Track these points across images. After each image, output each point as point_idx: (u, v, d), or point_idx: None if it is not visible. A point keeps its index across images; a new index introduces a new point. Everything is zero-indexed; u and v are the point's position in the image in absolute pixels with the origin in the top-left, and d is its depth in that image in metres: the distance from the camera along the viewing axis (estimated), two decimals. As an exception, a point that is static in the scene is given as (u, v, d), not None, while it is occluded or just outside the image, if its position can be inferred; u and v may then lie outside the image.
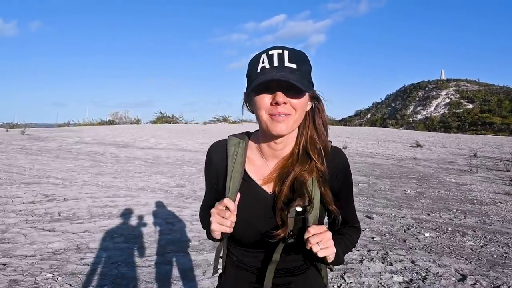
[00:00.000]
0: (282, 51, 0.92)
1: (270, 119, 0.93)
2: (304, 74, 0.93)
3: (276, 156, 1.03)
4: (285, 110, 0.92)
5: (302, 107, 0.95)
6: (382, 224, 4.69)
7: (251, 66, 0.96)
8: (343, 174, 1.05)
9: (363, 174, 9.40)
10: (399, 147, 18.17)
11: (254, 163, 1.05)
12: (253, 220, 0.99)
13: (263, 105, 0.93)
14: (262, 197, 1.01)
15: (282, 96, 0.90)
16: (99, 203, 5.22)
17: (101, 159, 10.92)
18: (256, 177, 1.03)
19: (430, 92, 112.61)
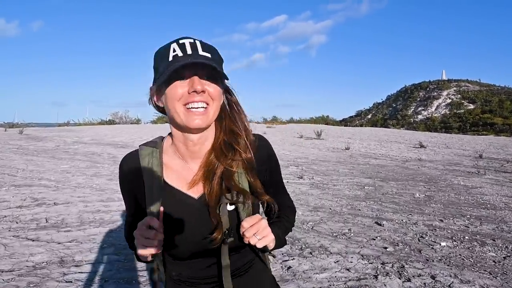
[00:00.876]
0: (193, 40, 0.87)
1: (186, 112, 0.86)
2: (218, 63, 0.88)
3: (196, 156, 0.96)
4: (203, 98, 0.85)
5: (219, 97, 0.90)
6: (394, 232, 4.37)
7: (159, 57, 0.88)
8: (269, 161, 1.02)
9: (368, 176, 9.08)
10: (402, 148, 17.86)
11: (173, 169, 0.97)
12: (184, 230, 0.92)
13: (177, 95, 0.85)
14: (189, 204, 0.93)
15: (200, 82, 0.84)
16: (91, 208, 4.90)
17: (98, 159, 10.61)
18: (179, 184, 0.95)
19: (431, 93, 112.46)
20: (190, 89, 0.84)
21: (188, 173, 0.96)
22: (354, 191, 7.07)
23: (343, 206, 5.67)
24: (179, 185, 0.95)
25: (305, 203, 5.85)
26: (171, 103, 0.86)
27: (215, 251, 0.92)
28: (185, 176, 0.95)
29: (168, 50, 0.85)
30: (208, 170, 0.94)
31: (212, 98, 0.88)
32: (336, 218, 4.91)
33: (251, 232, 0.85)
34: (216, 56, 0.89)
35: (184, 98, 0.85)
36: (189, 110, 0.86)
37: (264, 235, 0.87)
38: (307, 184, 7.64)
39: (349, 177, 8.92)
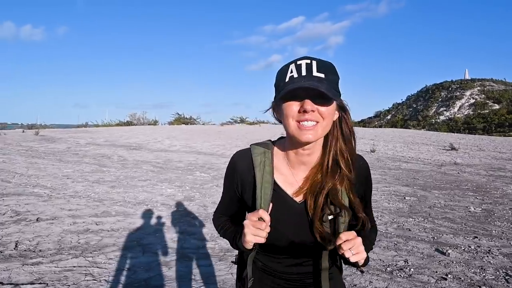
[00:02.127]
0: (310, 61, 0.94)
1: (298, 127, 0.94)
2: (331, 83, 0.94)
3: (303, 164, 1.03)
4: (312, 117, 0.92)
5: (330, 115, 0.96)
6: (466, 265, 3.31)
7: (279, 76, 0.97)
8: (366, 181, 1.09)
9: (405, 184, 7.96)
10: (432, 150, 16.53)
11: (281, 171, 1.05)
12: (283, 229, 1.01)
13: (290, 113, 0.94)
14: (292, 207, 1.02)
15: (310, 103, 0.91)
16: (79, 226, 4.02)
17: (106, 163, 9.86)
18: (285, 187, 1.03)
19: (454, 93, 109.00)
20: (301, 109, 0.92)
21: (293, 178, 1.05)
22: (394, 202, 5.99)
23: (388, 225, 4.62)
24: (286, 187, 1.04)
25: (339, 219, 4.83)
26: (286, 119, 0.95)
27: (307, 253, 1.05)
28: (291, 181, 1.05)
29: (287, 71, 0.95)
30: (313, 182, 1.01)
31: (322, 116, 0.93)
32: (384, 243, 3.87)
33: (348, 246, 0.90)
34: (331, 76, 0.95)
35: (297, 116, 0.93)
36: (301, 126, 0.93)
37: (358, 251, 0.92)
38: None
39: (383, 184, 7.82)
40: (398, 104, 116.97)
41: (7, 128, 27.46)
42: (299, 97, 0.92)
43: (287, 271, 1.07)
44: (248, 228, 0.93)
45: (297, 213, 1.01)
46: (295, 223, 1.01)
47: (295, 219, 1.01)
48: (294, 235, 1.01)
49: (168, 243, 3.63)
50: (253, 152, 1.06)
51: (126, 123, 31.91)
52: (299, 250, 1.03)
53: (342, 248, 0.91)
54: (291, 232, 1.01)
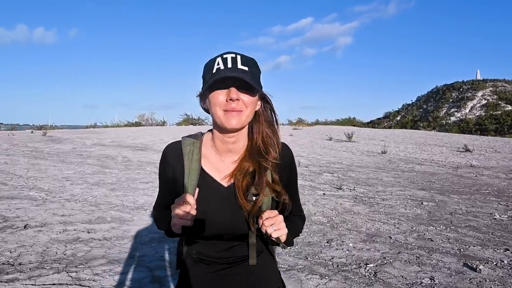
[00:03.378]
0: (235, 55, 1.01)
1: (224, 114, 1.00)
2: (254, 75, 1.02)
3: (230, 151, 1.10)
4: (237, 106, 0.99)
5: (253, 104, 1.03)
6: (502, 284, 2.90)
7: (206, 69, 1.04)
8: (290, 168, 1.14)
9: (420, 187, 7.51)
10: (445, 152, 15.98)
11: (209, 159, 1.11)
12: (211, 212, 1.05)
13: (217, 101, 1.00)
14: (218, 190, 1.07)
15: (236, 92, 0.98)
16: (69, 235, 3.69)
17: (109, 164, 9.58)
18: (212, 172, 1.09)
19: (465, 93, 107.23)
20: (227, 98, 0.99)
21: (221, 165, 1.10)
22: (412, 208, 5.57)
23: (407, 234, 4.21)
24: (213, 173, 1.09)
25: (353, 227, 4.43)
26: (213, 107, 1.02)
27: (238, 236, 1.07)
28: (218, 167, 1.10)
29: (214, 63, 1.01)
30: (241, 166, 1.08)
31: (246, 105, 1.01)
32: (405, 256, 3.47)
33: (269, 222, 0.96)
34: (254, 69, 1.03)
35: (223, 104, 1.00)
36: (226, 112, 1.00)
37: (280, 227, 0.98)
38: (348, 198, 6.20)
39: (397, 188, 7.39)
40: (408, 105, 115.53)
41: (17, 129, 27.65)
42: (225, 87, 0.99)
43: (221, 256, 1.09)
44: (174, 211, 0.97)
45: (224, 196, 1.06)
46: (223, 206, 1.05)
47: (223, 202, 1.05)
48: (223, 218, 1.05)
49: (165, 255, 3.28)
50: (183, 143, 1.12)
51: (135, 123, 31.96)
52: (230, 232, 1.07)
53: (264, 225, 0.96)
54: (220, 215, 1.05)
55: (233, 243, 1.09)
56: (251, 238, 1.06)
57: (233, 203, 1.04)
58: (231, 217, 1.04)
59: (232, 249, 1.09)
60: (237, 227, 1.05)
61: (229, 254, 1.09)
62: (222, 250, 1.09)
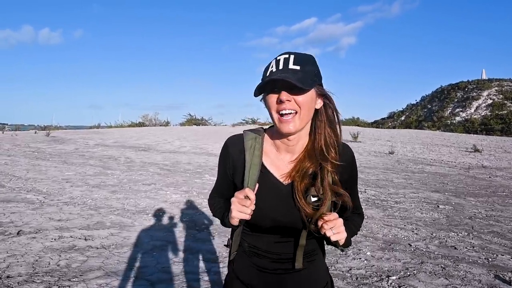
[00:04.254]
0: (288, 55, 1.01)
1: (279, 119, 1.01)
2: (307, 73, 0.99)
3: (290, 150, 1.09)
4: (290, 106, 0.98)
5: (307, 103, 1.00)
6: (541, 299, 2.61)
7: (264, 71, 1.05)
8: (350, 168, 1.12)
9: (434, 190, 7.19)
10: (454, 152, 15.65)
11: (270, 156, 1.11)
12: (269, 208, 1.05)
13: (271, 104, 1.02)
14: (277, 188, 1.07)
15: (285, 94, 0.98)
16: (64, 242, 3.44)
17: (111, 165, 9.34)
18: (272, 169, 1.09)
19: (470, 93, 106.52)
20: (278, 100, 0.99)
21: (281, 162, 1.10)
22: (428, 212, 5.27)
23: (427, 241, 3.92)
24: (273, 170, 1.09)
25: (369, 233, 4.14)
26: (269, 110, 1.04)
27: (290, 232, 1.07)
28: (278, 164, 1.10)
29: (269, 66, 1.03)
30: (301, 167, 1.06)
31: (299, 105, 0.99)
32: (429, 266, 3.17)
33: (329, 225, 0.96)
34: (308, 67, 1.01)
35: (276, 106, 1.01)
36: (281, 118, 1.00)
37: (339, 231, 0.97)
38: (360, 201, 5.90)
39: (410, 190, 7.08)
40: (412, 105, 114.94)
41: (22, 130, 27.62)
42: (276, 90, 0.99)
43: (271, 250, 1.10)
44: (234, 205, 0.98)
45: (283, 194, 1.06)
46: (280, 204, 1.05)
47: (281, 200, 1.05)
48: (279, 215, 1.05)
49: (167, 266, 3.01)
50: (245, 137, 1.12)
51: (138, 124, 31.89)
52: (283, 229, 1.07)
53: (323, 228, 0.96)
54: (276, 211, 1.05)
55: (284, 238, 1.09)
56: (302, 239, 1.05)
57: (290, 202, 1.04)
58: (288, 216, 1.04)
59: (282, 244, 1.09)
60: (293, 226, 1.05)
61: (278, 248, 1.09)
62: (273, 243, 1.09)
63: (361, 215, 1.22)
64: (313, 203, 1.02)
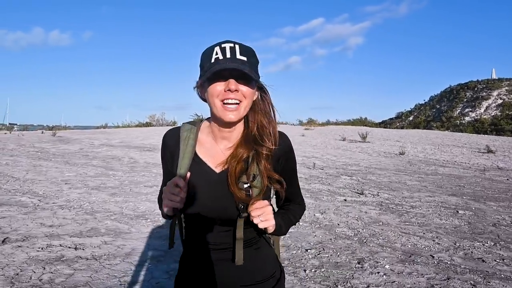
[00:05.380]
0: (233, 45, 1.00)
1: (222, 107, 1.00)
2: (253, 66, 1.02)
3: (226, 138, 1.10)
4: (236, 96, 0.99)
5: (251, 95, 1.03)
6: None
7: (204, 57, 1.03)
8: (287, 156, 1.12)
9: (451, 193, 6.80)
10: (467, 153, 15.17)
11: (204, 145, 1.11)
12: (201, 197, 1.05)
13: (216, 92, 0.99)
14: (210, 176, 1.06)
15: (234, 83, 0.98)
16: (52, 252, 3.14)
17: (114, 165, 9.09)
18: (206, 158, 1.09)
19: (480, 93, 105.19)
20: (225, 88, 0.98)
21: (216, 151, 1.10)
22: (447, 218, 4.89)
23: (451, 252, 3.56)
24: (207, 159, 1.09)
25: (386, 242, 3.78)
26: (211, 98, 1.01)
27: (229, 222, 1.05)
28: (213, 154, 1.10)
29: (212, 52, 1.00)
30: (235, 153, 1.06)
31: (244, 96, 1.01)
32: (457, 283, 2.81)
33: (257, 212, 0.97)
34: (252, 59, 1.02)
35: (221, 95, 0.99)
36: (225, 106, 1.00)
37: (267, 219, 0.99)
38: (373, 205, 5.55)
39: (424, 193, 6.70)
40: (420, 105, 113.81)
41: (30, 130, 27.66)
42: (224, 78, 0.98)
43: (210, 241, 1.08)
44: (165, 193, 0.99)
45: (216, 182, 1.05)
46: (214, 192, 1.04)
47: (215, 188, 1.04)
48: (213, 203, 1.04)
49: (163, 281, 2.69)
50: (181, 129, 1.13)
51: (145, 124, 31.82)
52: (219, 218, 1.05)
53: (251, 214, 0.98)
54: (211, 200, 1.04)
55: (226, 228, 1.07)
56: (238, 230, 1.03)
57: (224, 190, 1.03)
58: (222, 203, 1.03)
59: (224, 234, 1.07)
60: (227, 213, 1.04)
61: (221, 239, 1.07)
62: (214, 234, 1.07)
63: (302, 206, 1.22)
64: (245, 189, 1.02)
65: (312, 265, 3.09)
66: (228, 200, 1.02)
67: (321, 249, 3.50)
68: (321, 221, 4.53)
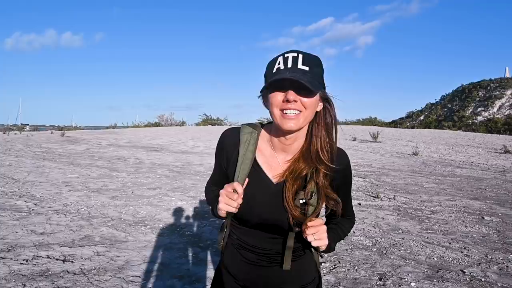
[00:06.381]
0: (297, 54, 0.98)
1: (281, 116, 0.98)
2: (315, 75, 0.98)
3: (285, 150, 1.08)
4: (295, 106, 0.96)
5: (312, 106, 0.99)
6: None
7: (268, 67, 1.03)
8: (344, 173, 1.10)
9: (472, 197, 6.35)
10: (483, 154, 14.61)
11: (264, 153, 1.09)
12: (257, 205, 1.04)
13: (275, 102, 0.98)
14: (267, 186, 1.05)
15: (293, 94, 0.95)
16: (36, 265, 2.84)
17: (119, 166, 8.85)
18: (264, 167, 1.08)
19: (493, 92, 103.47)
20: (285, 99, 0.96)
21: (274, 161, 1.08)
22: (473, 225, 4.48)
23: (483, 266, 3.16)
24: (265, 168, 1.07)
25: (408, 253, 3.40)
26: (272, 107, 0.99)
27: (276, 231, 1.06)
28: (271, 163, 1.08)
29: (275, 62, 1.00)
30: (295, 168, 1.04)
31: (305, 106, 0.97)
32: (497, 306, 2.44)
33: (311, 231, 0.96)
34: (316, 68, 0.99)
35: (281, 105, 0.97)
36: (284, 114, 0.97)
37: (321, 238, 0.97)
38: (390, 209, 5.15)
39: (444, 196, 6.27)
40: (431, 104, 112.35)
41: (40, 130, 27.80)
42: (284, 88, 0.96)
43: (258, 245, 1.08)
44: (222, 197, 0.98)
45: (272, 193, 1.04)
46: (269, 202, 1.03)
47: (269, 198, 1.03)
48: (266, 213, 1.04)
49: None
50: (242, 130, 1.11)
51: (154, 124, 31.82)
52: (270, 228, 1.05)
53: (305, 232, 0.96)
54: (263, 209, 1.04)
55: (271, 236, 1.07)
56: (289, 240, 1.03)
57: (279, 202, 1.02)
58: (275, 215, 1.03)
59: (269, 242, 1.07)
60: (280, 225, 1.03)
61: (265, 245, 1.07)
62: (260, 240, 1.07)
63: (352, 221, 1.21)
64: (300, 206, 1.00)
65: (328, 282, 2.73)
66: (282, 213, 1.01)
67: (336, 262, 3.14)
68: (335, 228, 4.17)
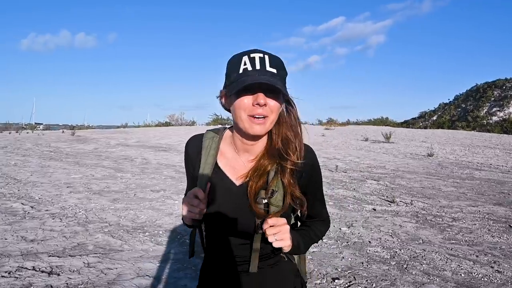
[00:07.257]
0: (263, 55, 0.95)
1: (249, 120, 0.95)
2: (281, 79, 0.97)
3: (248, 151, 1.05)
4: (264, 111, 0.94)
5: (277, 109, 0.98)
6: None
7: (231, 66, 0.98)
8: (311, 171, 1.07)
9: (496, 202, 5.93)
10: (501, 155, 14.03)
11: (226, 155, 1.08)
12: (222, 209, 1.03)
13: (244, 105, 0.94)
14: (229, 188, 1.04)
15: (263, 97, 0.93)
16: (18, 278, 2.58)
17: (124, 167, 8.65)
18: (226, 169, 1.06)
19: (508, 91, 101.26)
20: (254, 102, 0.93)
21: (237, 163, 1.06)
22: (500, 235, 4.10)
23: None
24: (227, 170, 1.05)
25: (431, 268, 3.05)
26: (238, 111, 0.95)
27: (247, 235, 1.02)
28: (234, 165, 1.06)
29: (240, 62, 0.94)
30: (258, 165, 1.02)
31: (272, 110, 0.96)
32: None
33: (272, 231, 0.92)
34: (281, 71, 0.97)
35: (249, 109, 0.94)
36: (251, 118, 0.94)
37: (282, 238, 0.93)
38: (408, 216, 4.79)
39: (465, 201, 5.87)
40: (445, 104, 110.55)
41: (52, 129, 28.04)
42: (252, 91, 0.93)
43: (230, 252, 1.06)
44: (184, 204, 0.98)
45: (235, 194, 1.02)
46: (233, 204, 1.02)
47: (234, 201, 1.02)
48: (232, 216, 1.02)
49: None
50: (204, 136, 1.11)
51: (165, 123, 31.80)
52: (238, 232, 1.03)
53: (266, 232, 0.93)
54: (229, 212, 1.02)
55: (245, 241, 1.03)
56: (255, 243, 1.00)
57: (243, 203, 1.00)
58: (240, 216, 1.01)
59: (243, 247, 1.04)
60: (245, 227, 1.01)
61: (240, 251, 1.05)
62: (234, 247, 1.05)
63: (326, 222, 1.16)
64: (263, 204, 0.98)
65: (342, 303, 2.41)
66: (246, 214, 0.99)
67: (351, 277, 2.81)
68: (349, 237, 3.83)
